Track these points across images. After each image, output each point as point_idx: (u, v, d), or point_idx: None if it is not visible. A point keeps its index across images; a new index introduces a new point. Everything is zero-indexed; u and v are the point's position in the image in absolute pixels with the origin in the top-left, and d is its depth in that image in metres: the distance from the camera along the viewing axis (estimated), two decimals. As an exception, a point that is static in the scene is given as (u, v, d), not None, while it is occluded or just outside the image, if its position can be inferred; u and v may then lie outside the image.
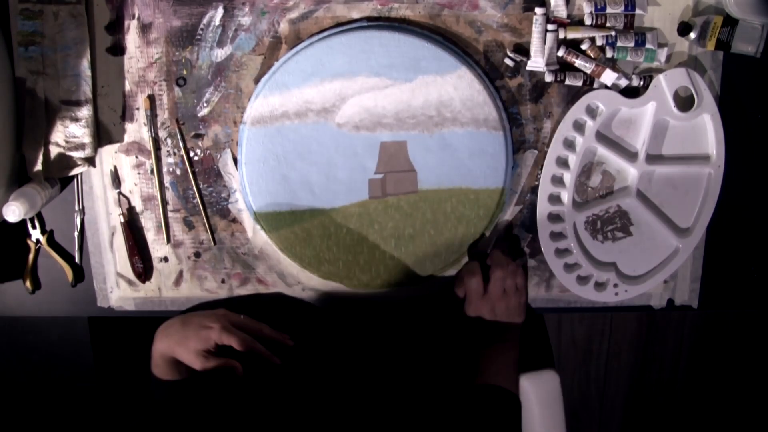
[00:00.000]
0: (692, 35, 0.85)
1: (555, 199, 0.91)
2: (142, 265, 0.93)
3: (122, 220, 0.91)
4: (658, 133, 0.89)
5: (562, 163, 0.89)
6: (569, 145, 0.89)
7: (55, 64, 0.85)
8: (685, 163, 0.90)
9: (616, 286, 0.93)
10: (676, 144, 0.90)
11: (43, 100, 0.85)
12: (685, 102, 0.88)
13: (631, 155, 0.90)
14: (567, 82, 0.87)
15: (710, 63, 0.88)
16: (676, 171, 0.90)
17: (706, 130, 0.89)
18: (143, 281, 0.94)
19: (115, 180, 0.91)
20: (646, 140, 0.88)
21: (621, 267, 0.93)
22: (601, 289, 0.93)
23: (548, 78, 0.87)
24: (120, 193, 0.91)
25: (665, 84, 0.86)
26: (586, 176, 0.91)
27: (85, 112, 0.86)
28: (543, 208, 0.90)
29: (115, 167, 0.91)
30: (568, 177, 0.89)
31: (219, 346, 0.77)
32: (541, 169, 0.90)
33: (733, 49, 0.83)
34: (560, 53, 0.85)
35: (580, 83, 0.87)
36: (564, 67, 0.87)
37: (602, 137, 0.89)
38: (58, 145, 0.86)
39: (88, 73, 0.86)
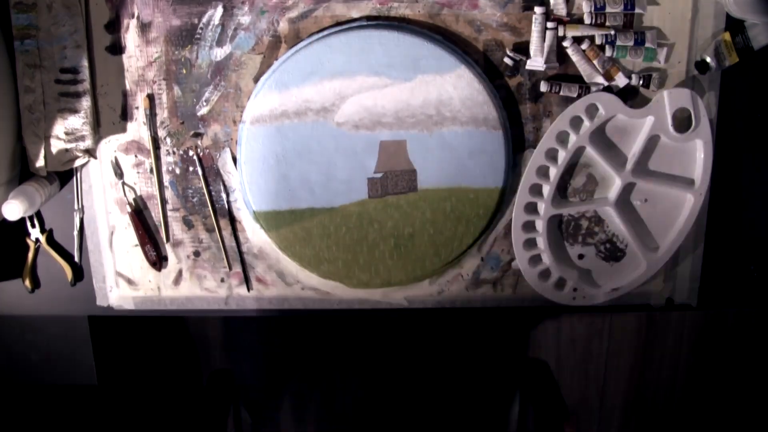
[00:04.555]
0: (712, 64, 0.85)
1: (536, 190, 0.90)
2: (155, 253, 0.93)
3: (129, 210, 0.91)
4: (649, 148, 0.89)
5: (551, 156, 0.89)
6: (562, 140, 0.89)
7: (52, 57, 0.85)
8: (668, 183, 0.90)
9: (575, 290, 0.93)
10: (664, 163, 0.90)
11: (42, 94, 0.85)
12: (681, 123, 0.88)
13: (618, 164, 0.89)
14: (562, 93, 0.87)
15: (708, 77, 0.88)
16: (658, 189, 0.90)
17: (696, 156, 0.89)
18: (159, 269, 0.94)
19: (117, 170, 0.91)
20: (637, 152, 0.88)
21: (583, 273, 0.94)
22: (559, 289, 0.93)
23: (543, 88, 0.87)
24: (124, 183, 0.91)
25: (667, 101, 0.86)
26: (571, 175, 0.91)
27: (84, 103, 0.86)
28: (522, 196, 0.90)
29: (116, 158, 0.91)
30: (554, 171, 0.89)
31: None
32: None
33: (757, 48, 0.84)
34: (565, 43, 0.85)
35: (575, 95, 0.87)
36: (560, 78, 0.87)
37: (595, 140, 0.89)
38: (58, 138, 0.86)
39: (85, 63, 0.86)
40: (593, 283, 0.94)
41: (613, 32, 0.85)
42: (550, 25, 0.85)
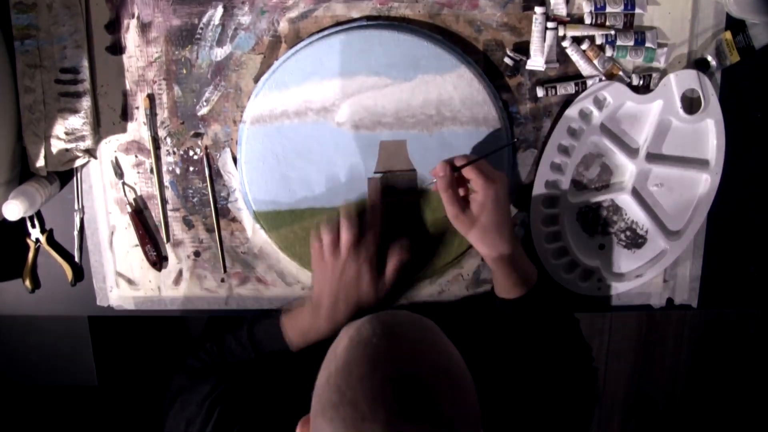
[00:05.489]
0: (713, 63, 0.85)
1: (552, 185, 0.91)
2: (156, 253, 0.93)
3: (129, 210, 0.91)
4: (660, 132, 0.89)
5: (563, 150, 0.89)
6: (572, 133, 0.89)
7: (52, 57, 0.85)
8: (683, 165, 0.90)
9: (599, 280, 0.93)
10: (677, 145, 0.90)
11: (42, 93, 0.85)
12: (690, 104, 0.88)
13: (631, 151, 0.90)
14: (559, 92, 0.87)
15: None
16: (673, 173, 0.90)
17: (708, 136, 0.89)
18: (159, 269, 0.94)
19: (117, 171, 0.91)
20: (649, 138, 0.89)
21: (607, 262, 0.94)
22: (584, 281, 0.93)
23: (540, 94, 0.87)
24: (124, 183, 0.91)
25: (674, 84, 0.86)
26: (585, 167, 0.91)
27: (84, 103, 0.86)
28: (539, 192, 0.90)
29: (116, 158, 0.91)
30: (568, 164, 0.89)
31: None
32: (542, 155, 0.90)
33: (758, 47, 0.84)
34: (565, 43, 0.85)
35: (573, 92, 0.87)
36: (560, 78, 0.87)
37: (606, 129, 0.89)
38: (58, 138, 0.86)
39: (86, 64, 0.86)
40: (617, 272, 0.94)
41: (613, 32, 0.85)
42: (550, 25, 0.85)
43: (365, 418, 0.52)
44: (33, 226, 0.93)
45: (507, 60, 0.87)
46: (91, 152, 0.88)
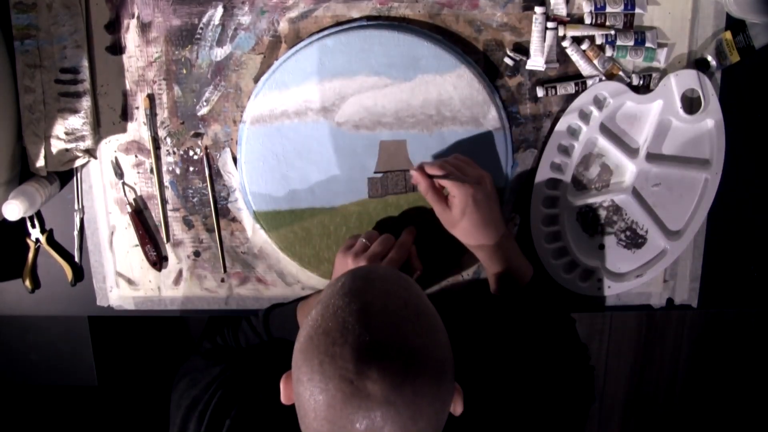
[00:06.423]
0: (713, 63, 0.85)
1: (551, 185, 0.91)
2: (156, 253, 0.93)
3: (129, 210, 0.91)
4: (660, 132, 0.89)
5: (563, 150, 0.89)
6: (572, 133, 0.89)
7: (52, 57, 0.85)
8: (683, 165, 0.90)
9: (600, 280, 0.93)
10: (677, 145, 0.90)
11: (42, 93, 0.85)
12: (690, 104, 0.88)
13: (631, 151, 0.90)
14: (559, 92, 0.87)
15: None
16: (673, 172, 0.90)
17: (708, 136, 0.89)
18: (159, 269, 0.94)
19: (117, 171, 0.91)
20: (649, 138, 0.88)
21: (607, 262, 0.94)
22: (584, 281, 0.93)
23: (540, 94, 0.87)
24: (124, 183, 0.91)
25: (674, 84, 0.86)
26: (585, 167, 0.91)
27: (84, 103, 0.86)
28: (539, 192, 0.90)
29: (116, 158, 0.91)
30: (568, 164, 0.89)
31: None
32: (542, 155, 0.90)
33: (758, 47, 0.84)
34: (565, 43, 0.85)
35: (573, 92, 0.87)
36: (560, 78, 0.87)
37: (606, 129, 0.89)
38: (58, 138, 0.86)
39: (86, 64, 0.86)
40: (617, 272, 0.94)
41: (613, 32, 0.85)
42: (550, 25, 0.85)
43: (335, 342, 0.56)
44: (33, 226, 0.93)
45: (507, 60, 0.87)
46: (91, 152, 0.88)
